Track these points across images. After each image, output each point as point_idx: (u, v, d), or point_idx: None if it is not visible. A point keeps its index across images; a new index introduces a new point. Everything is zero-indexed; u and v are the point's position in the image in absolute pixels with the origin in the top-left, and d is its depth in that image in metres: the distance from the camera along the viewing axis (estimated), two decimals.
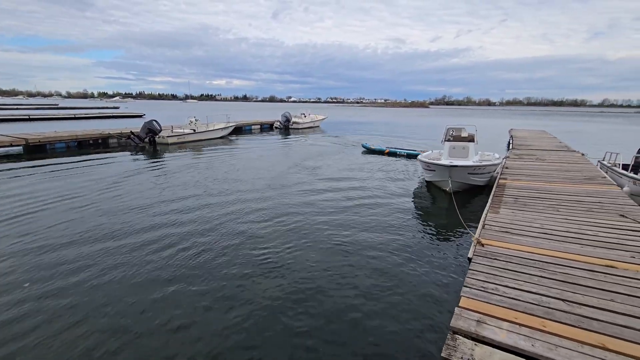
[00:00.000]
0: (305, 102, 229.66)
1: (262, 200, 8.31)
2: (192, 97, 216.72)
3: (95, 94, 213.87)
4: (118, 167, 12.20)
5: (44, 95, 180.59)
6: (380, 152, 16.43)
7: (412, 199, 8.87)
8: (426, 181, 10.38)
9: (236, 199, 8.43)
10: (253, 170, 11.91)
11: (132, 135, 17.69)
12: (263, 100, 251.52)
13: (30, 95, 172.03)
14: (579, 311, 2.90)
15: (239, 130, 26.27)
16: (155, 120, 18.50)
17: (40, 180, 10.01)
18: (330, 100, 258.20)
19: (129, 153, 15.61)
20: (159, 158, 14.70)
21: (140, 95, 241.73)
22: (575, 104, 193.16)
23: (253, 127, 29.18)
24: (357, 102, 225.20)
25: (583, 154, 12.31)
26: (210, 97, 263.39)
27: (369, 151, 16.83)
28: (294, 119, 29.75)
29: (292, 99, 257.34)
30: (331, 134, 26.55)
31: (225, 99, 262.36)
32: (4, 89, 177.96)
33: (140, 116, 40.74)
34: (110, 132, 18.41)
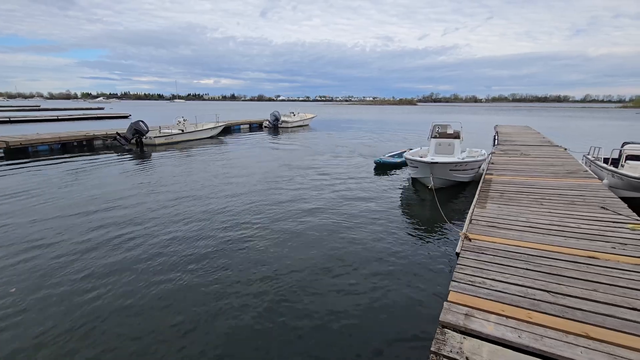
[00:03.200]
0: (294, 100, 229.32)
1: (251, 199, 8.27)
2: (179, 97, 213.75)
3: (79, 94, 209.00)
4: (104, 169, 11.97)
5: (25, 97, 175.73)
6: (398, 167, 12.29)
7: (399, 195, 8.96)
8: (412, 178, 10.50)
9: (228, 197, 8.38)
10: (243, 169, 11.84)
11: (118, 137, 17.36)
12: (252, 100, 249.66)
13: (10, 96, 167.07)
14: (563, 302, 2.99)
15: (228, 130, 26.05)
16: (142, 121, 18.18)
17: (20, 180, 9.74)
18: (319, 98, 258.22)
19: (115, 154, 15.31)
20: (147, 159, 14.45)
21: (126, 96, 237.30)
22: (558, 99, 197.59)
23: (242, 126, 28.98)
24: (346, 100, 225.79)
25: (565, 149, 12.62)
26: (197, 97, 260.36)
27: (381, 166, 12.36)
28: (283, 118, 29.64)
29: (280, 98, 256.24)
30: (326, 133, 26.56)
31: (213, 99, 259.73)
32: None
33: (126, 117, 39.96)
34: (95, 134, 18.02)
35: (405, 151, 12.95)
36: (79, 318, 3.86)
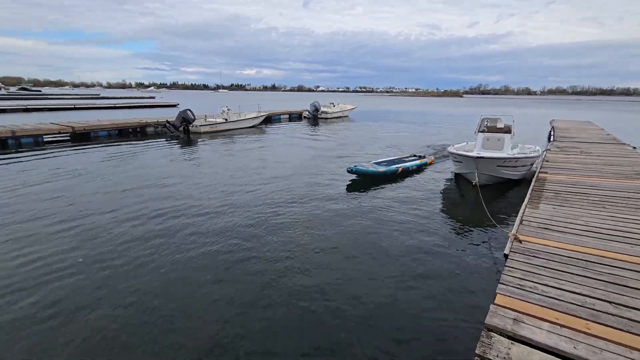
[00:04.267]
0: (334, 91, 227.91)
1: (291, 188, 8.41)
2: (223, 87, 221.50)
3: (133, 84, 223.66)
4: (156, 153, 12.82)
5: (87, 86, 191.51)
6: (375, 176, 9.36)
7: (439, 191, 8.64)
8: (455, 174, 10.04)
9: (264, 183, 8.60)
10: (282, 158, 12.07)
11: (167, 124, 18.41)
12: (291, 90, 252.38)
13: (75, 85, 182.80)
14: (628, 314, 2.73)
15: (268, 120, 26.58)
16: (190, 110, 19.09)
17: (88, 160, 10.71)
18: (359, 89, 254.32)
19: (164, 141, 16.32)
20: (192, 145, 15.28)
21: (174, 86, 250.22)
22: (627, 92, 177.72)
23: (282, 116, 29.42)
24: (387, 92, 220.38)
25: (634, 147, 11.38)
26: (240, 87, 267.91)
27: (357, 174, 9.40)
28: (322, 109, 29.64)
29: (320, 88, 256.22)
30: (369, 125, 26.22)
31: (254, 89, 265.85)
32: (52, 79, 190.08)
33: (174, 106, 42.21)
34: (148, 121, 19.24)
35: (409, 156, 11.91)
36: (135, 277, 4.19)
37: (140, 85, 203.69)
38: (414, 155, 11.93)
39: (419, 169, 10.74)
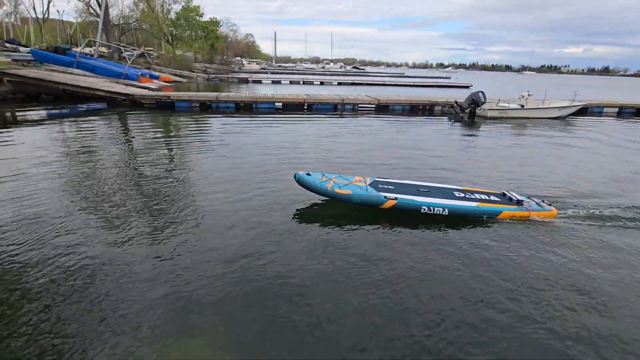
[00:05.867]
0: None
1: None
2: (530, 69, 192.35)
3: (434, 64, 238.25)
4: (431, 129, 13.46)
5: (397, 66, 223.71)
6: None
7: None
8: None
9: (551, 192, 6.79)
10: (588, 165, 9.08)
11: (455, 105, 18.34)
12: (635, 75, 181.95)
13: (388, 65, 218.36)
14: None
15: (583, 112, 20.58)
16: (482, 92, 17.97)
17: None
18: None
19: (446, 120, 16.81)
20: (474, 128, 14.95)
21: (473, 66, 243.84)
22: None
23: (606, 109, 21.91)
24: None
25: None
26: (553, 69, 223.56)
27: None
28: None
29: None
30: None
31: (573, 72, 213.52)
32: (373, 60, 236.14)
33: (467, 87, 41.34)
34: (438, 100, 19.98)
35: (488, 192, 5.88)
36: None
37: (440, 66, 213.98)
38: (499, 195, 5.88)
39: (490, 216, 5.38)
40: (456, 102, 18.45)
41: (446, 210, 5.16)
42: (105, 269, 3.82)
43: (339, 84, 39.89)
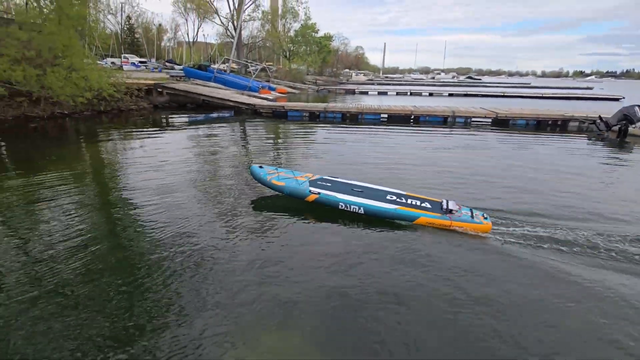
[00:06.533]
0: None
1: None
2: None
3: (570, 72, 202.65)
4: (569, 150, 11.23)
5: (521, 75, 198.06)
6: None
7: None
8: None
9: None
10: None
11: (599, 120, 15.17)
12: None
13: (510, 74, 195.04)
14: None
15: None
16: (638, 106, 14.44)
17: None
18: None
19: (586, 139, 13.90)
20: (623, 151, 12.10)
21: (627, 74, 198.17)
22: None
23: None
24: None
25: None
26: None
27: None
28: None
29: None
30: None
31: None
32: (492, 69, 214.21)
33: (616, 99, 33.90)
34: (574, 115, 16.86)
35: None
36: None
37: (578, 74, 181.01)
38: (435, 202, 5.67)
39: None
40: (600, 117, 15.25)
41: (362, 209, 5.44)
42: (216, 257, 4.36)
43: (450, 95, 37.55)
